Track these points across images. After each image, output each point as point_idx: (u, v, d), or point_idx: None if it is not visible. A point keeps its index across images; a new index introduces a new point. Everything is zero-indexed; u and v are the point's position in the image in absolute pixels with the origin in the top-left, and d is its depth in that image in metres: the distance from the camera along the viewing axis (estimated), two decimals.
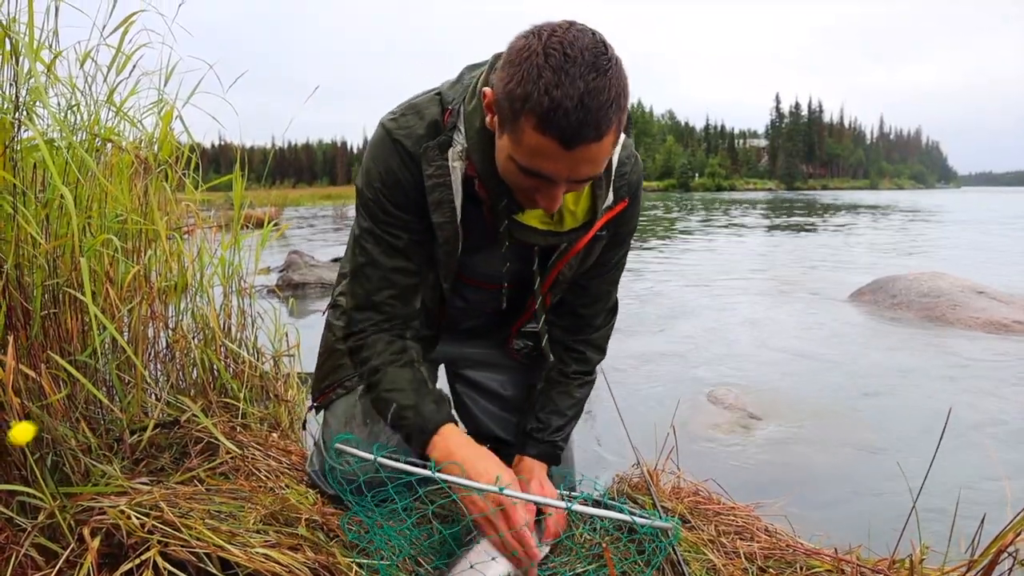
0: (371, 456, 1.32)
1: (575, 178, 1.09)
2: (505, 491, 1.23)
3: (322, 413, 1.62)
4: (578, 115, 0.99)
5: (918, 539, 1.24)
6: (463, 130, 1.24)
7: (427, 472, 1.25)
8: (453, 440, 1.30)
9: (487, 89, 1.13)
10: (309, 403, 1.70)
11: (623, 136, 1.27)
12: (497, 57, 1.20)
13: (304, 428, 1.75)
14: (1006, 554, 1.09)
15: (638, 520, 1.24)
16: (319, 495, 1.51)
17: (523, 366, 1.68)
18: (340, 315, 1.55)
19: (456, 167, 1.24)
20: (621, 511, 1.27)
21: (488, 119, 1.15)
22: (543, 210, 1.17)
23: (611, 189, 1.30)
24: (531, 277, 1.45)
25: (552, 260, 1.39)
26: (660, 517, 1.30)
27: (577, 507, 1.23)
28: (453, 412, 1.39)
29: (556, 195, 1.12)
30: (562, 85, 0.98)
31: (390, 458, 1.29)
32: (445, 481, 1.25)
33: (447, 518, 1.42)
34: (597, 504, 1.40)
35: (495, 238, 1.33)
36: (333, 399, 1.58)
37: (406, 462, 1.29)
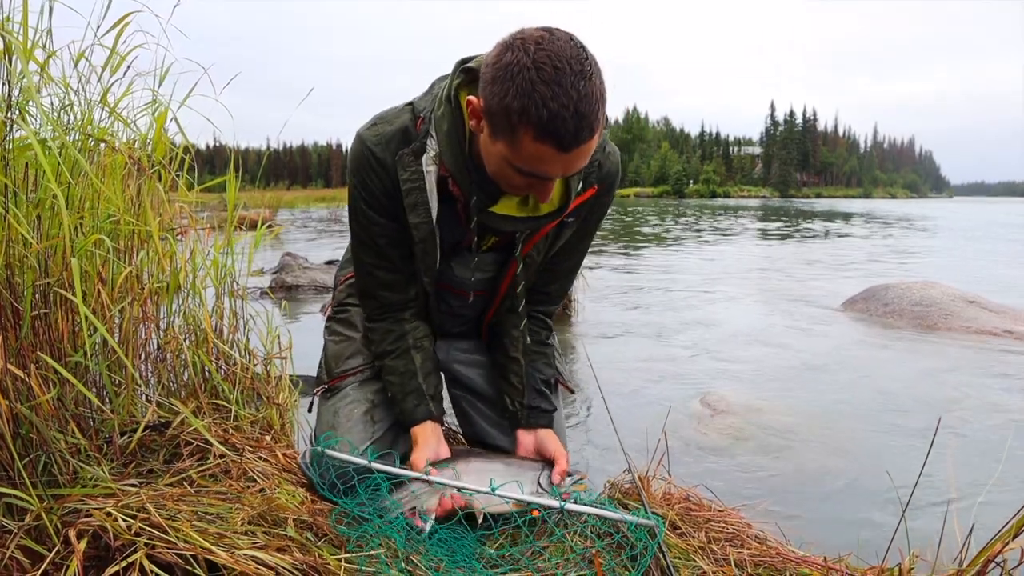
0: (363, 461, 1.42)
1: (570, 173, 1.20)
2: (496, 492, 1.37)
3: (329, 402, 1.69)
4: (575, 122, 1.08)
5: (907, 548, 1.24)
6: (435, 135, 1.34)
7: (419, 475, 1.41)
8: (419, 437, 1.53)
9: (472, 98, 1.21)
10: (319, 387, 1.75)
11: None
12: (460, 64, 1.32)
13: (310, 411, 1.81)
14: (994, 564, 1.10)
15: (625, 517, 1.31)
16: (308, 495, 1.51)
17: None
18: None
19: (431, 171, 1.35)
20: (609, 510, 1.35)
21: (473, 124, 1.24)
22: (537, 200, 1.32)
23: (580, 177, 1.39)
24: (497, 283, 1.60)
25: (518, 243, 1.50)
26: (647, 517, 1.33)
27: (568, 506, 1.34)
28: (431, 407, 1.57)
29: (551, 189, 1.25)
30: (557, 97, 1.06)
31: (383, 463, 1.46)
32: (438, 483, 1.41)
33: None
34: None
35: (470, 233, 1.45)
36: (343, 387, 1.68)
37: (399, 467, 1.46)
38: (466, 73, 1.30)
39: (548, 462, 1.56)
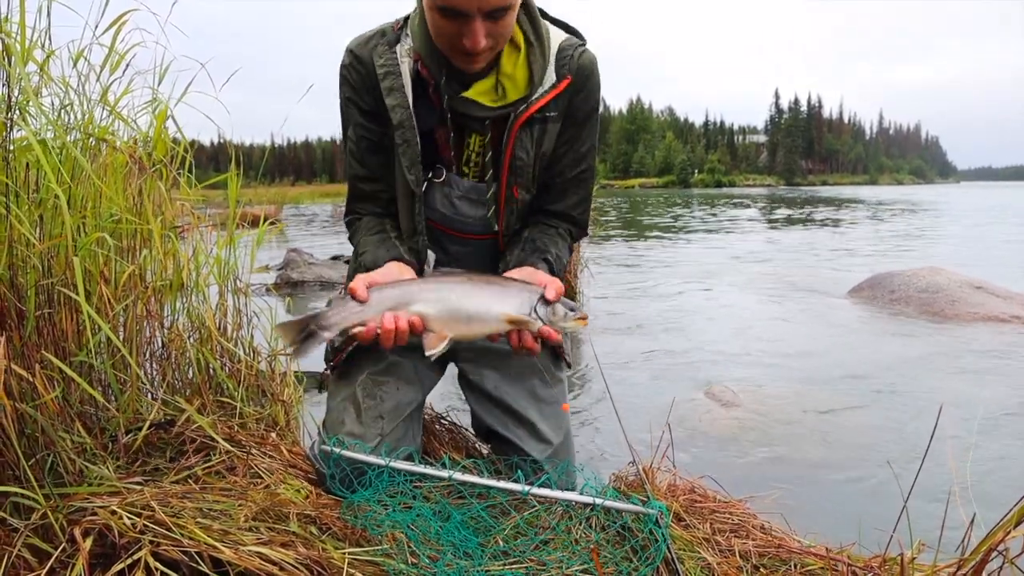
0: (379, 461, 1.44)
1: (485, 8, 1.30)
2: (531, 492, 1.38)
3: (339, 392, 1.68)
4: None
5: (909, 537, 1.24)
6: (410, 33, 1.51)
7: (443, 473, 1.41)
8: (385, 266, 1.50)
9: None
10: (326, 368, 1.76)
11: (566, 35, 1.57)
12: None
13: (321, 391, 1.81)
14: (996, 552, 1.09)
15: (629, 507, 1.34)
16: (313, 489, 1.51)
17: (521, 364, 1.73)
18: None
19: (405, 61, 1.51)
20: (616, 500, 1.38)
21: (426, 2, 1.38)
22: (469, 51, 1.36)
23: (553, 70, 1.51)
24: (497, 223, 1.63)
25: (503, 142, 1.54)
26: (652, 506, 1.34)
27: (579, 498, 1.37)
28: (401, 251, 1.57)
29: (476, 30, 1.33)
30: None
31: (399, 461, 1.45)
32: (463, 483, 1.41)
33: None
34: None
35: (444, 119, 1.53)
36: (351, 374, 1.68)
37: (422, 463, 1.47)
38: None
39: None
